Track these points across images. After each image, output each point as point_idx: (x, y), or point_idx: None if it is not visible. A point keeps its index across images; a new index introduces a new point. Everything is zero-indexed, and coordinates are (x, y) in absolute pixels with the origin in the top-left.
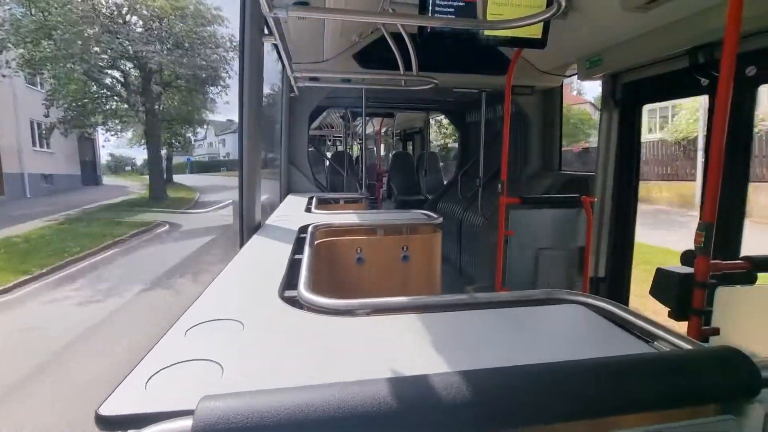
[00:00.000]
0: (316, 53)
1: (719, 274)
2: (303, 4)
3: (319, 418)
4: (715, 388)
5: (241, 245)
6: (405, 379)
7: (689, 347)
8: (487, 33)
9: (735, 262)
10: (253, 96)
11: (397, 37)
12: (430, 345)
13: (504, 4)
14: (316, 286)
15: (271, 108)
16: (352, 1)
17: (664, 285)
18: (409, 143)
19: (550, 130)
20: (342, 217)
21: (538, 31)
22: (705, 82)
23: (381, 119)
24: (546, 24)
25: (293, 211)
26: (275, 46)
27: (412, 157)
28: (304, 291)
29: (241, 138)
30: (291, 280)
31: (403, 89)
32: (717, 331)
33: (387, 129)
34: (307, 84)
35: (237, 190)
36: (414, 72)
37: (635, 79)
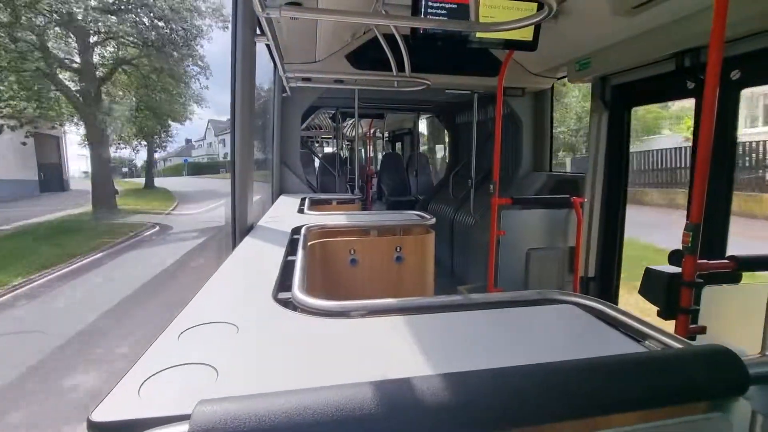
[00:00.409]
0: (308, 53)
1: (706, 273)
2: (296, 4)
3: (317, 420)
4: (705, 385)
5: (234, 247)
6: (401, 381)
7: (679, 346)
8: (479, 35)
9: (721, 261)
10: (246, 96)
11: (390, 38)
12: (424, 347)
13: (496, 6)
14: (309, 287)
15: (265, 104)
16: (345, 2)
17: (652, 284)
18: (398, 144)
19: (541, 131)
20: (335, 218)
21: (529, 34)
22: (691, 85)
23: (370, 120)
24: (537, 27)
25: (286, 212)
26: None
27: (402, 158)
28: (298, 293)
29: (234, 139)
30: (284, 281)
31: (396, 90)
32: (704, 330)
33: (376, 130)
34: (300, 84)
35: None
36: (407, 73)
37: (624, 82)
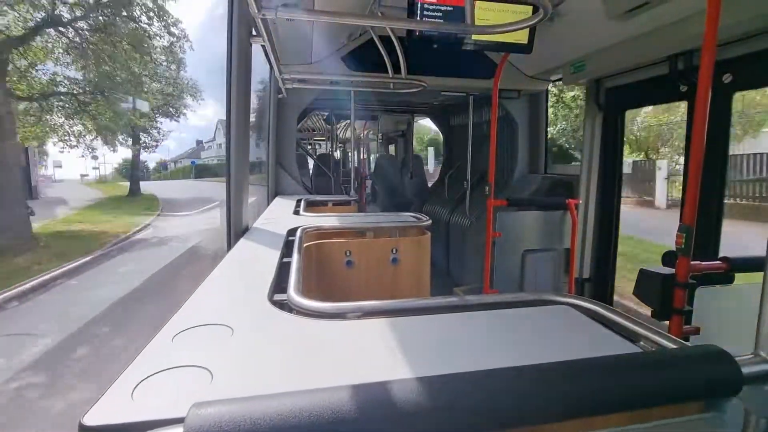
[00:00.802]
0: (304, 55)
1: (699, 274)
2: (291, 5)
3: (312, 423)
4: (698, 386)
5: (229, 248)
6: (397, 383)
7: (673, 346)
8: (475, 37)
9: (714, 262)
10: (241, 98)
11: (386, 40)
12: (420, 348)
13: (491, 9)
14: (305, 289)
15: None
16: (341, 4)
17: (646, 285)
18: (391, 146)
19: (536, 133)
20: (331, 220)
21: (524, 37)
22: (684, 88)
23: (364, 122)
24: (532, 30)
25: (281, 214)
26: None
27: (396, 160)
28: (293, 294)
29: (229, 140)
30: (280, 283)
31: (391, 92)
32: (698, 330)
33: (369, 131)
34: (296, 86)
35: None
36: (402, 75)
37: (618, 85)
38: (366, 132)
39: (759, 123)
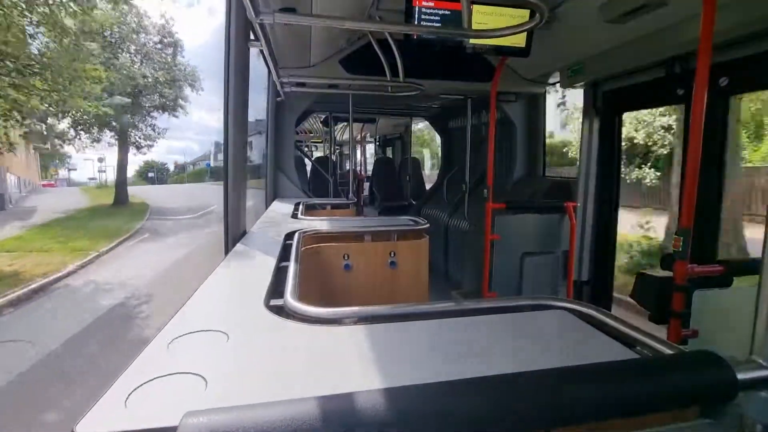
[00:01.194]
0: (302, 59)
1: (696, 277)
2: (289, 10)
3: None
4: (694, 392)
5: (226, 253)
6: (393, 390)
7: (670, 352)
8: (473, 41)
9: (711, 266)
10: (239, 102)
11: (384, 44)
12: (418, 354)
13: (489, 13)
14: (302, 293)
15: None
16: (338, 8)
17: (644, 289)
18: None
19: (534, 136)
20: (329, 224)
21: (521, 40)
22: (681, 91)
23: (362, 125)
24: (529, 33)
25: (280, 218)
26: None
27: (394, 163)
28: (290, 299)
29: (227, 144)
30: (277, 288)
31: (389, 95)
32: (696, 334)
33: (366, 134)
34: (294, 89)
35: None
36: (400, 78)
37: (615, 88)
38: (364, 134)
39: None
